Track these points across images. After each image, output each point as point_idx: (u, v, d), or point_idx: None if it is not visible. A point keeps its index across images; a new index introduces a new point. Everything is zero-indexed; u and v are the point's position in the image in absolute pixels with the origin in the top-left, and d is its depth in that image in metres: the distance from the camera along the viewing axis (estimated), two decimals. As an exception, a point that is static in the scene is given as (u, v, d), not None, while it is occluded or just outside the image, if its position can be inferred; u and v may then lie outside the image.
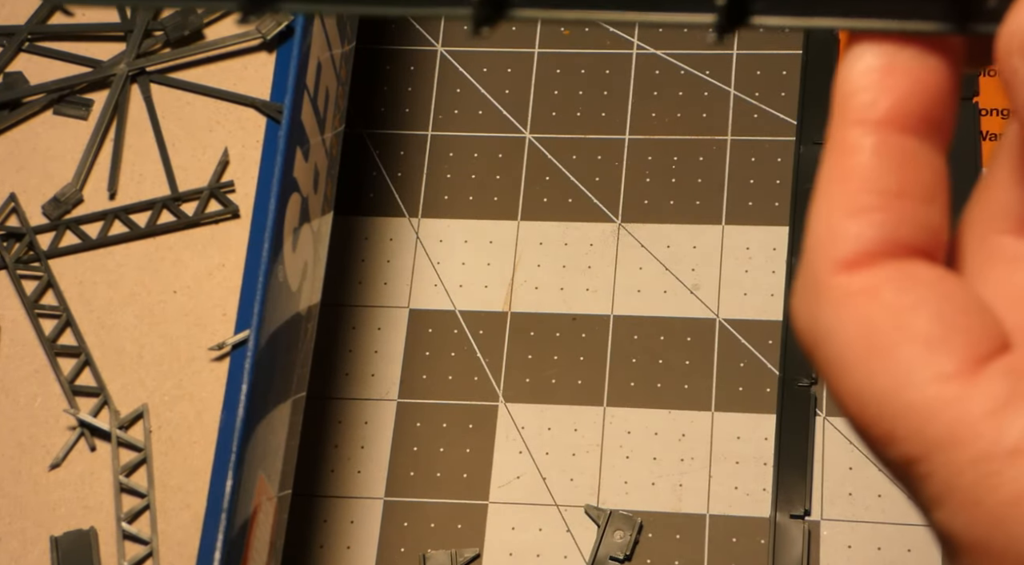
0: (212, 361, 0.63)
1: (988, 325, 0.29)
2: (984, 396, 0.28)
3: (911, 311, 0.29)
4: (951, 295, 0.29)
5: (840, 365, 0.29)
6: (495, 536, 0.72)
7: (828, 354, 0.29)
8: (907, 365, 0.28)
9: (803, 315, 0.30)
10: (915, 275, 0.29)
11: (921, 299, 0.29)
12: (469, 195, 0.78)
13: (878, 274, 0.29)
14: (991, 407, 0.28)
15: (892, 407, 0.28)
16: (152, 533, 0.61)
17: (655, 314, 0.75)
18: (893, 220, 0.29)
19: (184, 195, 0.66)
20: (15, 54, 0.69)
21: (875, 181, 0.29)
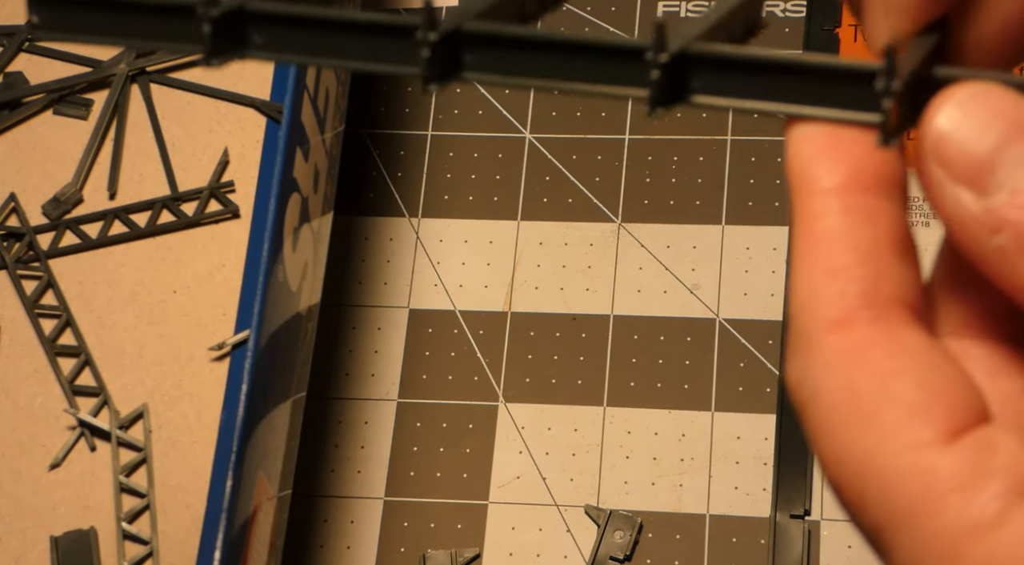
0: (212, 361, 0.63)
1: (968, 395, 0.29)
2: (953, 469, 0.28)
3: (895, 377, 0.29)
4: (935, 364, 0.29)
5: (824, 426, 0.29)
6: (495, 536, 0.72)
7: (815, 414, 0.29)
8: (886, 431, 0.28)
9: (794, 374, 0.30)
10: (902, 340, 0.29)
11: (906, 366, 0.29)
12: (469, 195, 0.78)
13: (866, 335, 0.29)
14: (958, 481, 0.28)
15: (867, 472, 0.28)
16: (152, 533, 0.61)
17: (655, 314, 0.75)
18: (872, 274, 0.29)
19: (184, 195, 0.66)
20: (15, 54, 0.69)
21: (848, 240, 0.29)
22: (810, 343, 0.29)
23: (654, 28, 0.30)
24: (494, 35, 0.31)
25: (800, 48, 0.79)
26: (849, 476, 0.29)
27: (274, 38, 0.32)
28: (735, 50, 0.31)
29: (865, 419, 0.28)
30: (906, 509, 0.28)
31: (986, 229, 0.28)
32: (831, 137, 0.30)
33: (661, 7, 0.81)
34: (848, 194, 0.30)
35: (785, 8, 0.80)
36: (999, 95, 0.29)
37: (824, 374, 0.29)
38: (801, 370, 0.30)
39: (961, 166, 0.28)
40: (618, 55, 0.31)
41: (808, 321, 0.30)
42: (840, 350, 0.29)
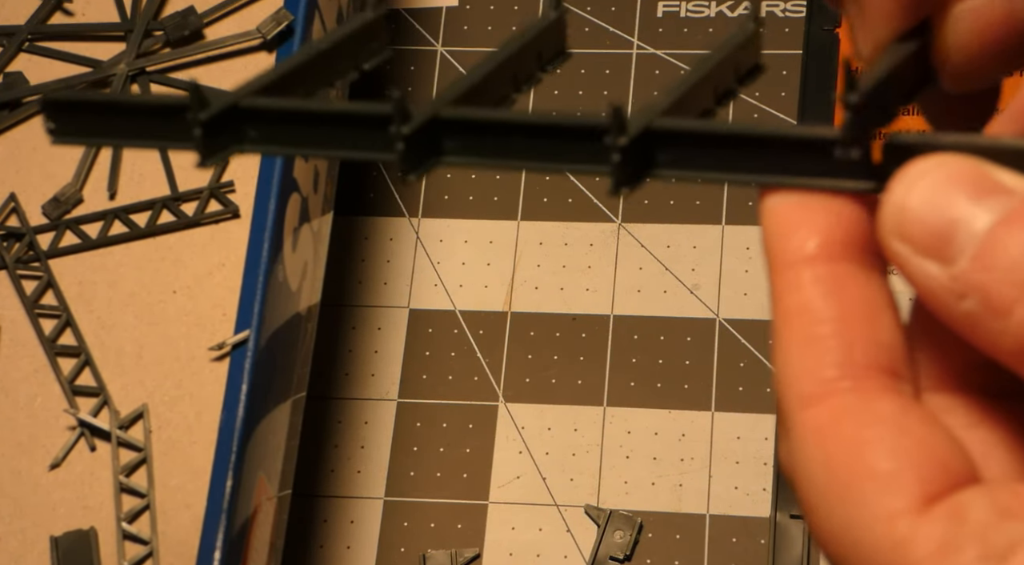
0: (212, 361, 0.63)
1: (947, 456, 0.29)
2: (925, 540, 0.28)
3: (867, 447, 0.29)
4: (908, 430, 0.29)
5: (808, 501, 0.30)
6: (495, 536, 0.72)
7: (799, 490, 0.30)
8: (861, 502, 0.29)
9: (781, 453, 0.31)
10: (874, 409, 0.29)
11: (878, 435, 0.29)
12: (469, 195, 0.78)
13: (839, 406, 0.29)
14: (929, 551, 0.28)
15: (847, 544, 0.29)
16: (152, 533, 0.61)
17: (655, 314, 0.75)
18: (844, 344, 0.30)
19: (184, 195, 0.66)
20: (15, 54, 0.69)
21: (817, 311, 0.30)
22: (788, 420, 0.30)
23: (611, 112, 0.31)
24: (467, 120, 0.32)
25: (800, 48, 0.79)
26: (833, 548, 0.29)
27: (266, 131, 0.33)
28: (698, 125, 0.31)
29: (841, 492, 0.29)
30: None
31: (954, 295, 0.28)
32: (802, 206, 0.31)
33: (661, 7, 0.81)
34: (818, 265, 0.30)
35: (785, 8, 0.80)
36: (954, 164, 0.29)
37: (801, 451, 0.30)
38: (785, 449, 0.30)
39: (922, 239, 0.29)
40: (583, 135, 0.31)
41: (786, 399, 0.30)
42: (814, 425, 0.29)
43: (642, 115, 0.31)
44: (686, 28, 0.80)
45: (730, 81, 0.33)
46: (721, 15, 0.80)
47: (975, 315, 0.28)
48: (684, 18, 0.80)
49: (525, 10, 0.81)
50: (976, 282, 0.28)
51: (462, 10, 0.82)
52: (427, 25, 0.82)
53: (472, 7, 0.82)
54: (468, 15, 0.82)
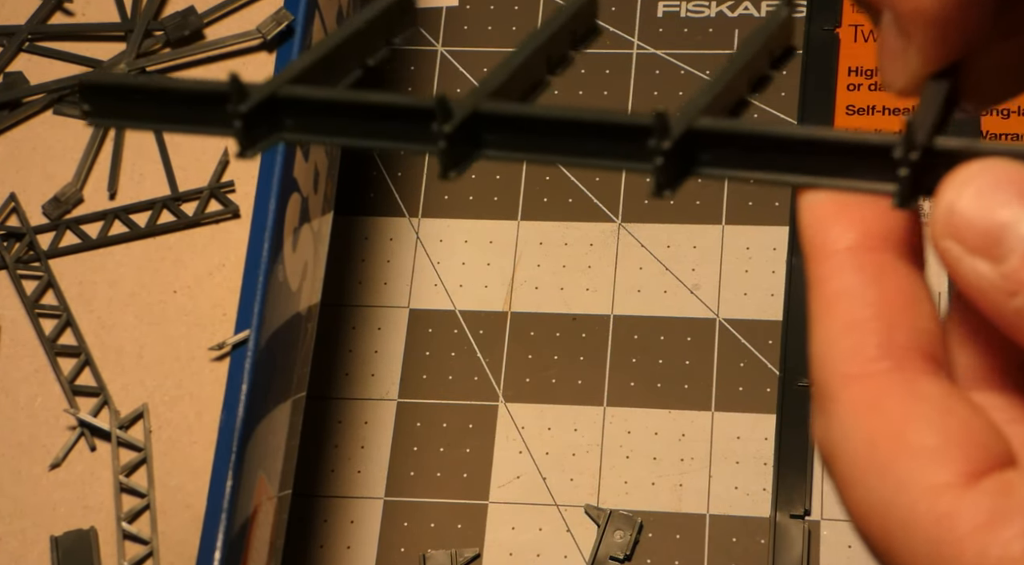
0: (212, 361, 0.63)
1: (989, 439, 0.30)
2: (971, 512, 0.28)
3: (911, 424, 0.29)
4: (952, 410, 0.30)
5: (847, 478, 0.30)
6: (495, 536, 0.72)
7: (838, 467, 0.30)
8: (905, 478, 0.29)
9: (818, 431, 0.31)
10: (918, 389, 0.30)
11: (922, 413, 0.29)
12: (469, 195, 0.78)
13: (882, 386, 0.30)
14: (976, 524, 0.28)
15: (889, 521, 0.29)
16: (152, 533, 0.61)
17: (655, 314, 0.75)
18: (885, 327, 0.30)
19: (184, 195, 0.66)
20: (15, 54, 0.69)
21: (860, 297, 0.31)
22: (829, 399, 0.30)
23: (655, 116, 0.31)
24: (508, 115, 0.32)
25: (800, 49, 0.79)
26: (875, 526, 0.29)
27: (305, 120, 0.33)
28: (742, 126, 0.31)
29: (883, 468, 0.29)
30: (928, 554, 0.28)
31: (1004, 293, 0.29)
32: (840, 202, 0.31)
33: (661, 7, 0.81)
34: (859, 253, 0.31)
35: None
36: (1002, 168, 0.30)
37: (843, 428, 0.30)
38: (823, 427, 0.30)
39: (973, 238, 0.30)
40: (625, 134, 0.32)
41: (826, 378, 0.30)
42: (857, 403, 0.30)
43: (685, 116, 0.31)
44: (686, 28, 0.80)
45: (764, 67, 0.33)
46: (721, 15, 0.80)
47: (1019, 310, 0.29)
48: (684, 18, 0.80)
49: (525, 10, 0.81)
50: None
51: (462, 10, 0.82)
52: (427, 25, 0.82)
53: (472, 7, 0.82)
54: (468, 15, 0.82)
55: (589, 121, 0.32)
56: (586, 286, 0.76)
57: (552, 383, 0.75)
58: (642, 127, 0.31)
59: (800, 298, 0.74)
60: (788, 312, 0.74)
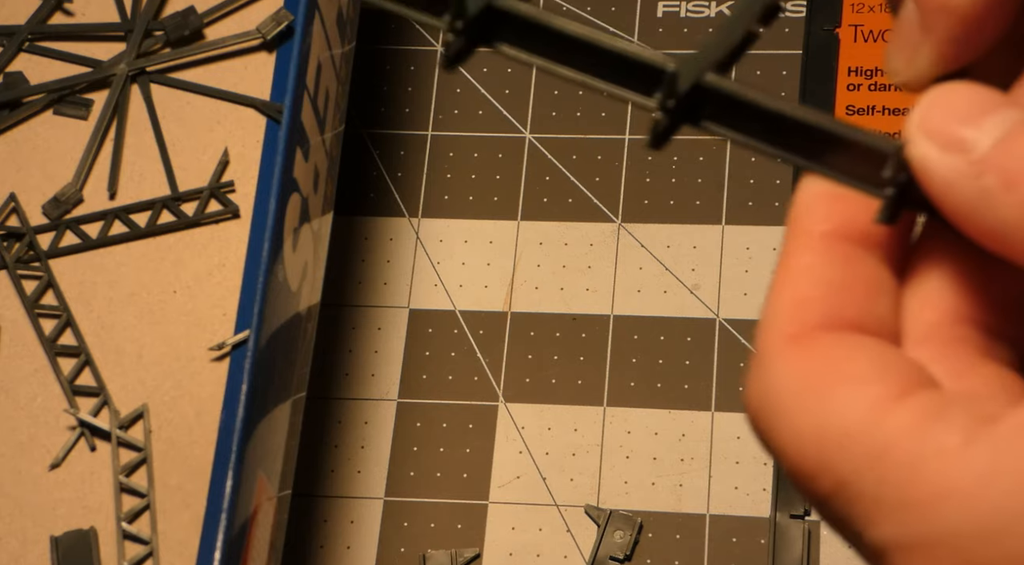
0: (212, 361, 0.63)
1: (920, 374, 0.30)
2: (909, 412, 0.29)
3: (848, 359, 0.30)
4: (888, 351, 0.31)
5: (779, 413, 0.30)
6: (495, 536, 0.72)
7: (769, 410, 0.31)
8: (840, 399, 0.30)
9: (752, 394, 0.32)
10: (855, 340, 0.31)
11: (858, 351, 0.31)
12: (469, 195, 0.78)
13: (822, 342, 0.31)
14: (915, 419, 0.29)
15: (824, 437, 0.30)
16: (152, 533, 0.61)
17: (655, 314, 0.75)
18: (837, 305, 0.31)
19: (184, 195, 0.66)
20: (15, 54, 0.69)
21: (820, 275, 0.32)
22: (765, 357, 0.31)
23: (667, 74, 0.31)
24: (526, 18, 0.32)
25: (800, 48, 0.79)
26: (806, 448, 0.30)
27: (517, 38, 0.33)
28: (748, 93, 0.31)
29: (819, 394, 0.30)
30: (865, 455, 0.29)
31: (970, 177, 0.30)
32: (837, 190, 0.32)
33: (661, 7, 0.81)
34: (834, 240, 0.32)
35: (785, 8, 0.80)
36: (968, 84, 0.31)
37: (779, 373, 0.31)
38: (758, 386, 0.31)
39: (946, 132, 0.30)
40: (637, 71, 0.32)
41: (766, 338, 0.31)
42: (793, 354, 0.31)
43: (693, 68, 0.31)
44: (686, 28, 0.80)
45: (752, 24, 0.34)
46: (721, 15, 0.80)
47: (988, 191, 0.30)
48: (684, 18, 0.80)
49: (525, 10, 0.81)
50: (993, 159, 0.30)
51: (462, 10, 0.82)
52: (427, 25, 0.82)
53: (472, 7, 0.82)
54: (468, 15, 0.82)
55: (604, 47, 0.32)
56: (586, 286, 0.76)
57: (552, 383, 0.75)
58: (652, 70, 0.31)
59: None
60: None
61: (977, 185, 0.30)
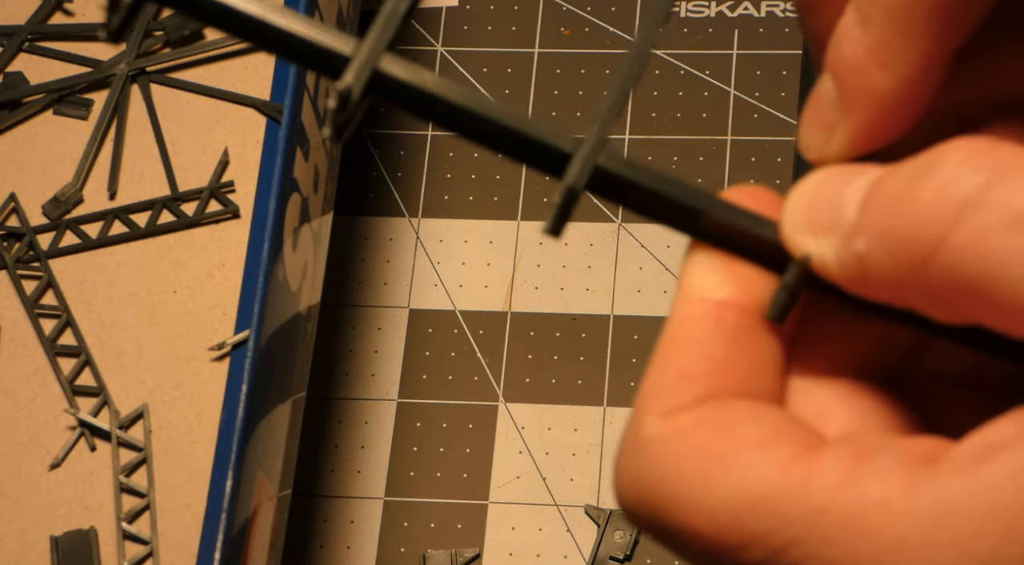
0: (212, 361, 0.63)
1: (808, 427, 0.30)
2: (833, 464, 0.28)
3: (734, 424, 0.29)
4: (767, 410, 0.30)
5: (679, 495, 0.29)
6: (495, 536, 0.72)
7: (662, 493, 0.29)
8: (745, 466, 0.29)
9: (625, 472, 0.30)
10: (730, 404, 0.30)
11: (741, 415, 0.29)
12: (469, 195, 0.78)
13: (701, 410, 0.30)
14: (843, 471, 0.28)
15: (743, 508, 0.28)
16: (152, 533, 0.61)
17: (655, 314, 0.75)
18: (717, 383, 0.30)
19: (184, 195, 0.66)
20: (15, 54, 0.69)
21: (706, 349, 0.30)
22: (640, 435, 0.30)
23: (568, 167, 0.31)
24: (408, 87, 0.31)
25: (800, 48, 0.79)
26: (724, 523, 0.28)
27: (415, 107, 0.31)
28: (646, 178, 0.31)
29: (720, 466, 0.29)
30: (801, 517, 0.28)
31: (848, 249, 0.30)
32: (725, 261, 0.31)
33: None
34: (726, 309, 0.31)
35: (785, 8, 0.80)
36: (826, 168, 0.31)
37: (662, 452, 0.29)
38: (634, 467, 0.30)
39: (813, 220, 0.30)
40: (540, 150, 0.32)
41: (641, 416, 0.30)
42: (673, 427, 0.29)
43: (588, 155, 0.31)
44: (686, 28, 0.80)
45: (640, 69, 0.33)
46: (721, 15, 0.80)
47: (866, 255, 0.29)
48: (684, 18, 0.80)
49: (525, 10, 0.81)
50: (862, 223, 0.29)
51: (462, 10, 0.82)
52: (427, 25, 0.82)
53: (472, 7, 0.82)
54: (468, 15, 0.82)
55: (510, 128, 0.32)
56: (586, 286, 0.76)
57: (552, 383, 0.75)
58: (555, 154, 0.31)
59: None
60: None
61: (855, 252, 0.29)
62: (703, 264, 0.31)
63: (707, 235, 0.31)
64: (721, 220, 0.31)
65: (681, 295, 0.31)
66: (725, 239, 0.31)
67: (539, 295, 0.76)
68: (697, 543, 0.29)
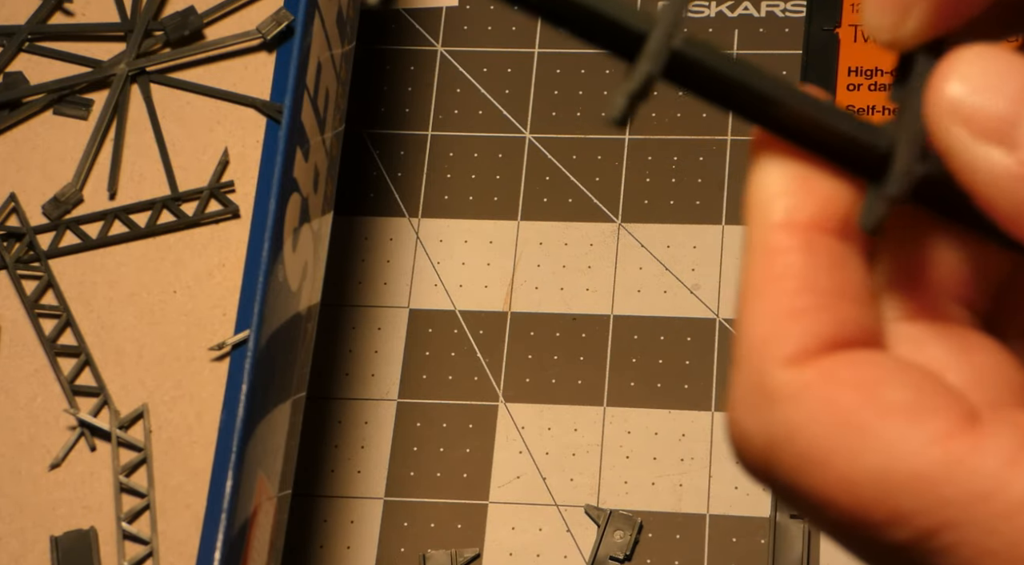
0: (212, 361, 0.63)
1: (956, 392, 0.28)
2: (998, 446, 0.26)
3: (879, 386, 0.27)
4: (908, 370, 0.28)
5: (815, 459, 0.27)
6: (495, 536, 0.72)
7: (795, 453, 0.27)
8: (896, 436, 0.27)
9: (750, 425, 0.28)
10: (869, 359, 0.28)
11: (881, 374, 0.28)
12: (469, 195, 0.78)
13: (830, 361, 0.28)
14: (1009, 455, 0.26)
15: (892, 483, 0.27)
16: (152, 533, 0.61)
17: (655, 314, 0.75)
18: (834, 319, 0.28)
19: (184, 195, 0.66)
20: (15, 54, 0.69)
21: (810, 281, 0.28)
22: (764, 384, 0.28)
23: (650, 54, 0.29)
24: None
25: (800, 48, 0.79)
26: (869, 496, 0.27)
27: None
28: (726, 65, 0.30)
29: (865, 433, 0.27)
30: (959, 500, 0.26)
31: (1020, 180, 0.27)
32: (802, 173, 0.29)
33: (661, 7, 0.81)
34: (812, 233, 0.29)
35: (785, 8, 0.80)
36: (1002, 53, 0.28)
37: (794, 407, 0.27)
38: (758, 417, 0.28)
39: (985, 124, 0.27)
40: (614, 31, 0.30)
41: (761, 362, 0.28)
42: (806, 380, 0.28)
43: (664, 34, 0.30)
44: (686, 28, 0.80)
45: None
46: (721, 15, 0.80)
47: None
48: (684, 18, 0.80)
49: (525, 10, 0.81)
50: None
51: (462, 10, 0.82)
52: (427, 25, 0.82)
53: (472, 7, 0.82)
54: (468, 15, 0.82)
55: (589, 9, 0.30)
56: (586, 286, 0.76)
57: (552, 383, 0.75)
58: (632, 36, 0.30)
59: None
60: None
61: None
62: (777, 182, 0.29)
63: (787, 130, 0.29)
64: (805, 113, 0.29)
65: (758, 221, 0.29)
66: (805, 136, 0.29)
67: (539, 295, 0.76)
68: (831, 512, 0.27)
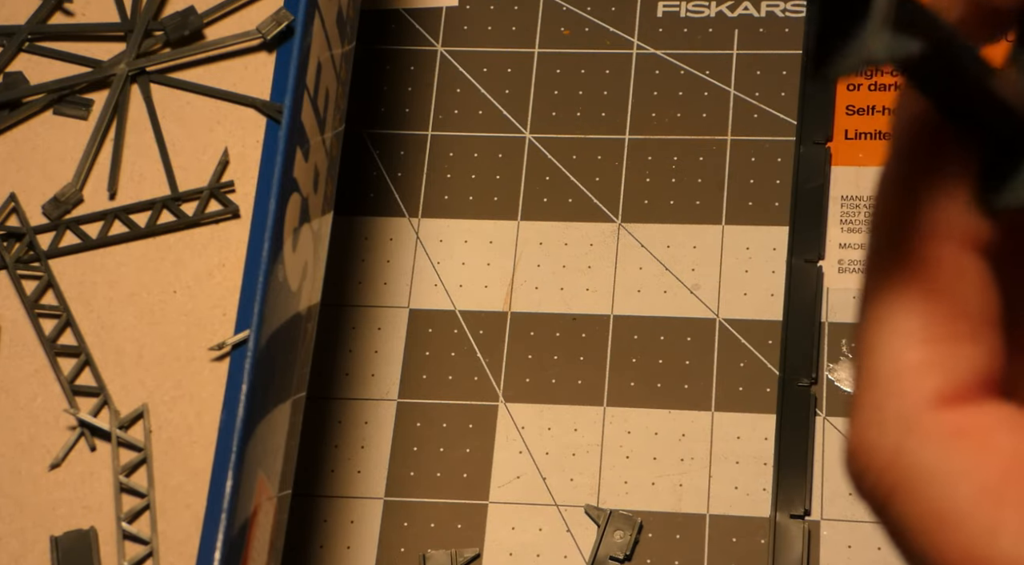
0: (212, 361, 0.63)
1: None
2: None
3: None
4: None
5: (947, 514, 0.26)
6: (495, 536, 0.72)
7: (927, 498, 0.26)
8: None
9: (884, 450, 0.27)
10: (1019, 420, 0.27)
11: None
12: (469, 195, 0.78)
13: (985, 414, 0.26)
14: None
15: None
16: (152, 533, 0.61)
17: (655, 314, 0.75)
18: (987, 352, 0.27)
19: (184, 195, 0.66)
20: (15, 54, 0.69)
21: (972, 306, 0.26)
22: (909, 416, 0.26)
23: None
24: None
25: (799, 48, 0.79)
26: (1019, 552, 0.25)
27: None
28: None
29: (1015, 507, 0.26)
30: None
31: None
32: None
33: (661, 7, 0.81)
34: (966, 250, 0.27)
35: (785, 8, 0.80)
36: None
37: (940, 453, 0.26)
38: (896, 446, 0.26)
39: None
40: None
41: (908, 390, 0.26)
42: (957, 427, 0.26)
43: None
44: (686, 28, 0.80)
45: None
46: (721, 15, 0.80)
47: None
48: (684, 18, 0.80)
49: (525, 10, 0.81)
50: None
51: (462, 10, 0.82)
52: (427, 25, 0.82)
53: (472, 7, 0.82)
54: (468, 15, 0.82)
55: None
56: (586, 286, 0.76)
57: (552, 383, 0.75)
58: None
59: (800, 299, 0.74)
60: (788, 312, 0.74)
61: None
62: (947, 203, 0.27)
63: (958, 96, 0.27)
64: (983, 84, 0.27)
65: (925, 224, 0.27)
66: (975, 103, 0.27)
67: (539, 295, 0.76)
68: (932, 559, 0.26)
